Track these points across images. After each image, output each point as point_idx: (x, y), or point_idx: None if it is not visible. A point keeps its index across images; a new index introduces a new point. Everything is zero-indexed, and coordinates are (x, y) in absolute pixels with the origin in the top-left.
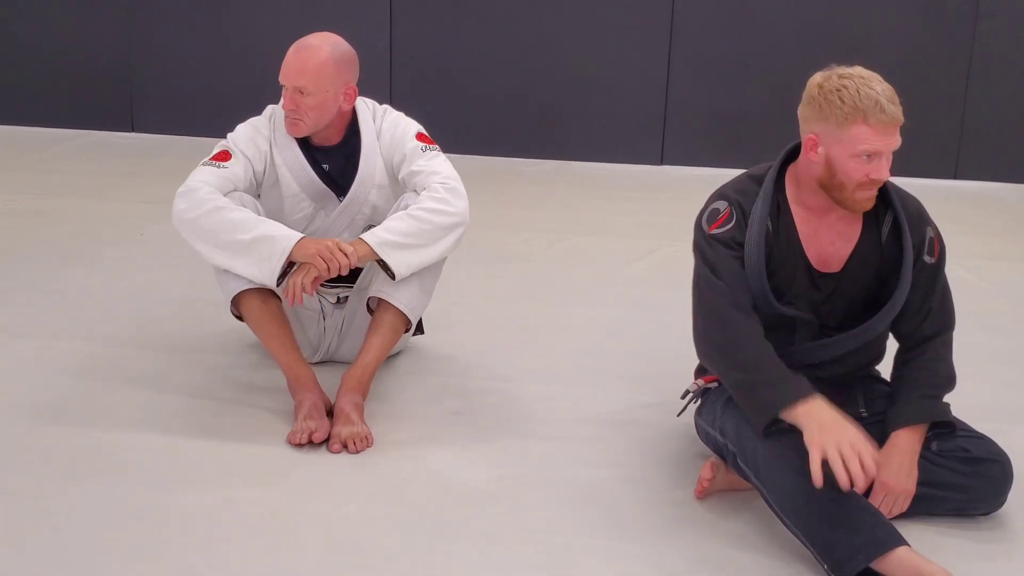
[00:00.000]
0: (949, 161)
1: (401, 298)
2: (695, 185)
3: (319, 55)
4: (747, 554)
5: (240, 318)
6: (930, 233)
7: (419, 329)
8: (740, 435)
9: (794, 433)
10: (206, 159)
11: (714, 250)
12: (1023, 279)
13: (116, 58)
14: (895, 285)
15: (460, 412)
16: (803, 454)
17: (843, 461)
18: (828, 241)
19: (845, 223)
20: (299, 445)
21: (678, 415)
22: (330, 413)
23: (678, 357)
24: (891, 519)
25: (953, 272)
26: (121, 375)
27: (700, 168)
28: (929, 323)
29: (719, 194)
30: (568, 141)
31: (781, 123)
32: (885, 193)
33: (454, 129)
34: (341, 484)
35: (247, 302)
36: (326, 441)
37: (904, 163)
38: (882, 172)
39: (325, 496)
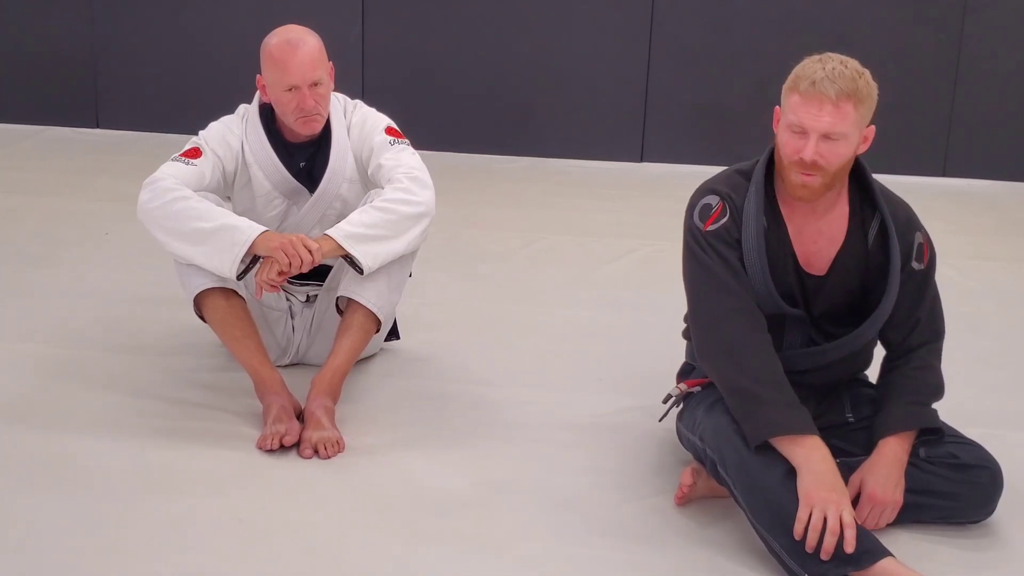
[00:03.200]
0: (937, 158)
1: (369, 297)
2: (676, 182)
3: (312, 43)
4: (731, 562)
5: (204, 319)
6: (919, 239)
7: (394, 334)
8: (720, 442)
9: (778, 454)
10: (176, 155)
11: (712, 249)
12: (1012, 279)
13: (80, 51)
14: (882, 292)
15: (435, 416)
16: (785, 472)
17: (826, 527)
18: (811, 240)
19: (828, 222)
20: (270, 450)
21: (660, 420)
22: (299, 416)
23: (659, 359)
24: (878, 530)
25: (941, 271)
26: (85, 378)
27: (681, 165)
28: (918, 333)
29: (707, 189)
30: (545, 137)
31: (765, 118)
32: (872, 196)
33: (427, 125)
34: (312, 490)
35: (210, 301)
36: (296, 446)
37: (891, 160)
38: (805, 152)
39: (295, 502)
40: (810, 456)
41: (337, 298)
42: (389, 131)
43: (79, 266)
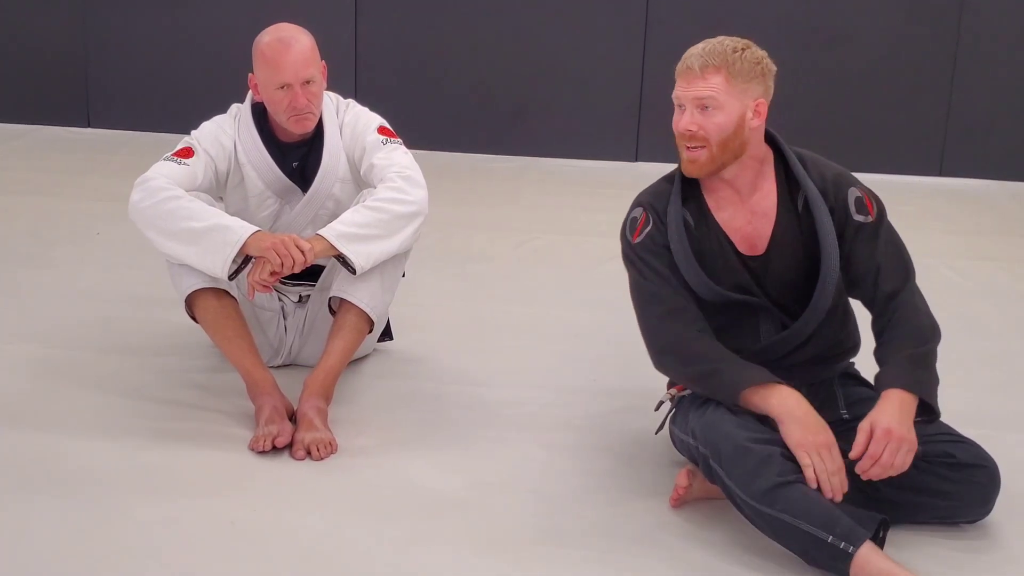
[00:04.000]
0: (934, 157)
1: (362, 296)
2: None
3: (305, 41)
4: (727, 563)
5: (195, 319)
6: (856, 193)
7: (387, 335)
8: (711, 436)
9: (763, 423)
10: (168, 154)
11: (641, 261)
12: (1009, 279)
13: (71, 50)
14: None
15: (428, 417)
16: (770, 443)
17: (825, 469)
18: (746, 221)
19: (757, 201)
20: (262, 451)
21: (656, 433)
22: (292, 417)
23: None
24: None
25: (937, 272)
26: (76, 378)
27: (676, 165)
28: (884, 279)
29: (635, 201)
30: (539, 137)
31: None
32: (789, 166)
33: (420, 125)
34: (305, 492)
35: (201, 302)
36: (288, 447)
37: (888, 159)
38: (680, 122)
39: (288, 504)
40: (785, 403)
41: (330, 298)
42: (382, 130)
43: (70, 266)
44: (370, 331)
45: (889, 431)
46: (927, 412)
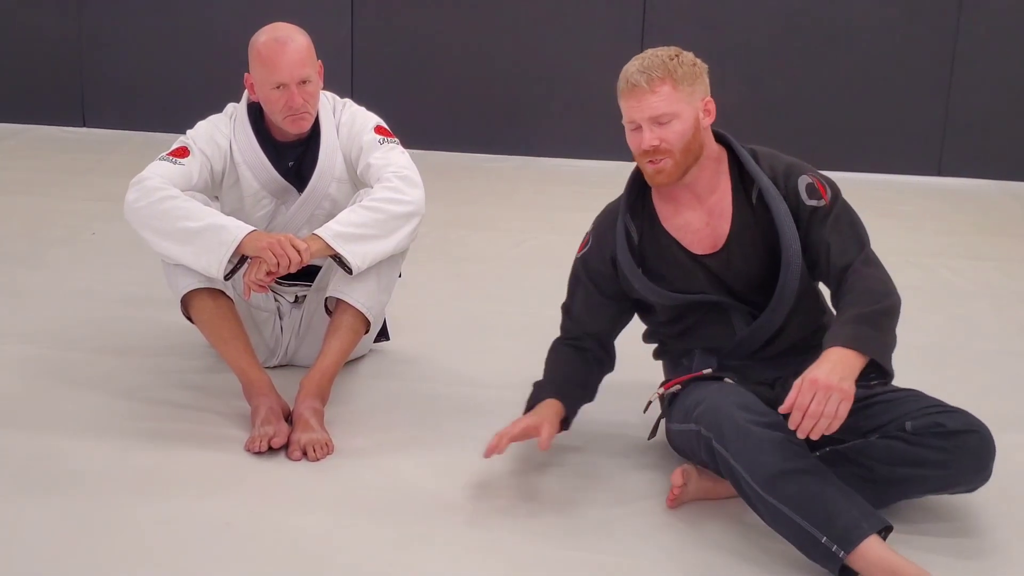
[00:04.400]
0: (932, 157)
1: (359, 297)
2: None
3: (302, 40)
4: (723, 564)
5: (191, 319)
6: (807, 180)
7: (384, 336)
8: (714, 418)
9: (766, 409)
10: (163, 154)
11: (576, 276)
12: (1007, 280)
13: (66, 49)
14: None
15: (424, 418)
16: (775, 426)
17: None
18: (704, 223)
19: (715, 202)
20: (258, 452)
21: (649, 439)
22: (288, 418)
23: (649, 362)
24: (828, 436)
25: (935, 272)
26: (71, 379)
27: None
28: (836, 254)
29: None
30: (536, 136)
31: (757, 115)
32: (740, 162)
33: (417, 124)
34: (300, 493)
35: (197, 302)
36: (285, 448)
37: (886, 159)
38: (644, 142)
39: (284, 505)
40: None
41: (326, 298)
42: (378, 130)
43: (65, 266)
44: (366, 331)
45: (814, 380)
46: (881, 374)
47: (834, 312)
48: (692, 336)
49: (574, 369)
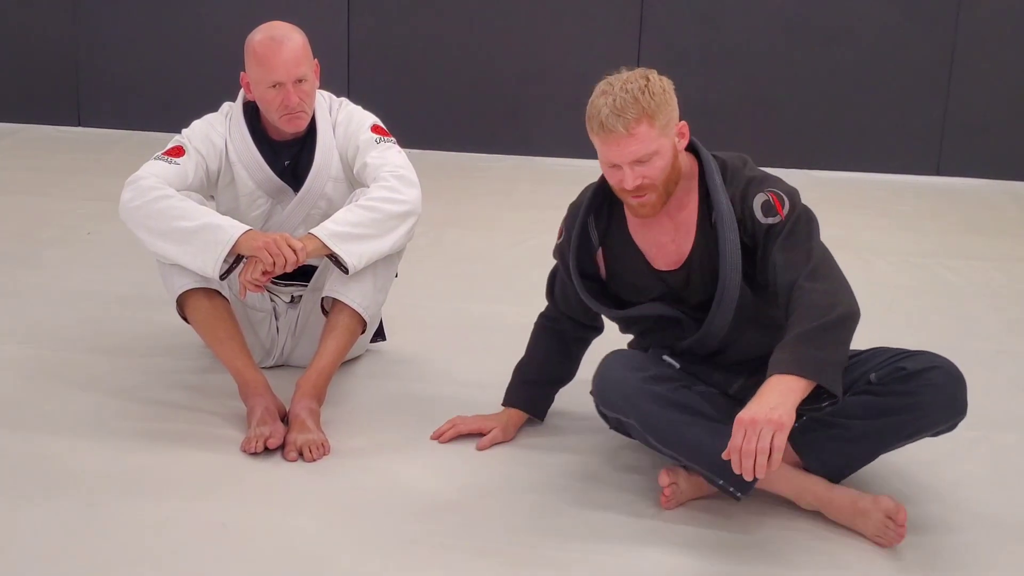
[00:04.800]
0: (931, 156)
1: (355, 297)
2: None
3: (297, 39)
4: (719, 564)
5: (186, 319)
6: (762, 198)
7: (380, 336)
8: (611, 393)
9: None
10: (159, 153)
11: (554, 263)
12: (1005, 279)
13: (61, 48)
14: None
15: (421, 418)
16: (659, 380)
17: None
18: (668, 239)
19: (683, 219)
20: (254, 453)
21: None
22: (284, 419)
23: None
24: (773, 472)
25: (934, 272)
26: (66, 379)
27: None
28: (783, 272)
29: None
30: (533, 135)
31: (755, 115)
32: (704, 179)
33: (414, 123)
34: (296, 494)
35: (193, 302)
36: (280, 448)
37: (884, 158)
38: (624, 182)
39: (280, 506)
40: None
41: (322, 298)
42: (375, 129)
43: (60, 266)
44: (363, 332)
45: (743, 421)
46: (830, 394)
47: None
48: (648, 337)
49: (553, 363)
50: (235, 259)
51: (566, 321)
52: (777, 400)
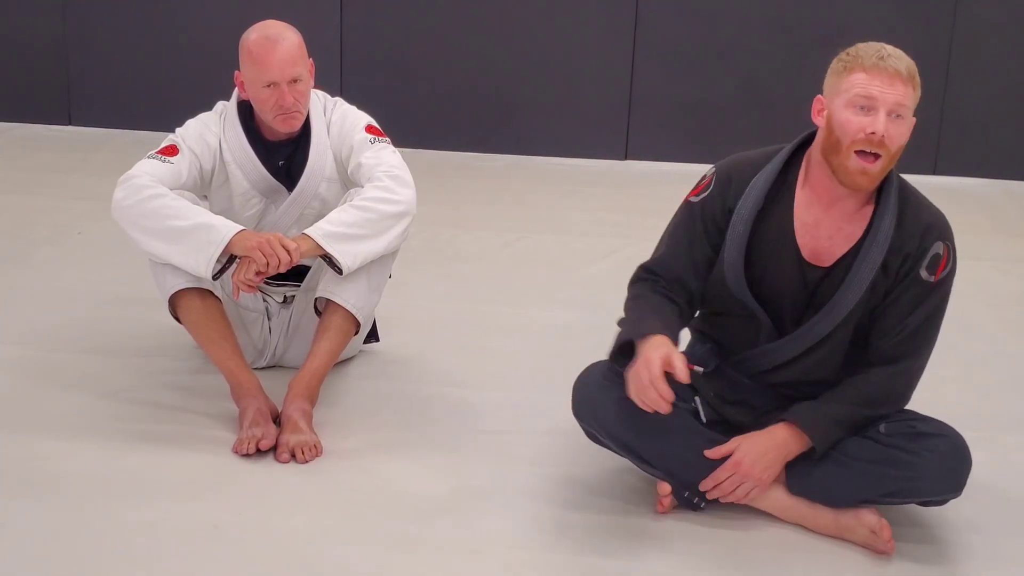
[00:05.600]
0: (928, 155)
1: (348, 298)
2: (661, 181)
3: (293, 38)
4: (715, 568)
5: (179, 320)
6: (938, 249)
7: (373, 336)
8: (596, 414)
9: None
10: (152, 152)
11: (682, 214)
12: (1004, 279)
13: (52, 46)
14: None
15: (414, 419)
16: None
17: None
18: (827, 235)
19: (848, 219)
20: (246, 454)
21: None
22: (276, 420)
23: None
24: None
25: None
26: (56, 380)
27: (666, 163)
28: (895, 345)
29: (718, 164)
30: (527, 134)
31: (752, 115)
32: (887, 194)
33: (407, 122)
34: (289, 495)
35: (185, 302)
36: (273, 450)
37: None
38: (877, 124)
39: (272, 508)
40: (643, 345)
41: (315, 299)
42: (369, 129)
43: (51, 266)
44: (356, 332)
45: (738, 464)
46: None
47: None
48: (716, 324)
49: (669, 319)
50: (228, 259)
51: (679, 290)
52: (772, 458)
